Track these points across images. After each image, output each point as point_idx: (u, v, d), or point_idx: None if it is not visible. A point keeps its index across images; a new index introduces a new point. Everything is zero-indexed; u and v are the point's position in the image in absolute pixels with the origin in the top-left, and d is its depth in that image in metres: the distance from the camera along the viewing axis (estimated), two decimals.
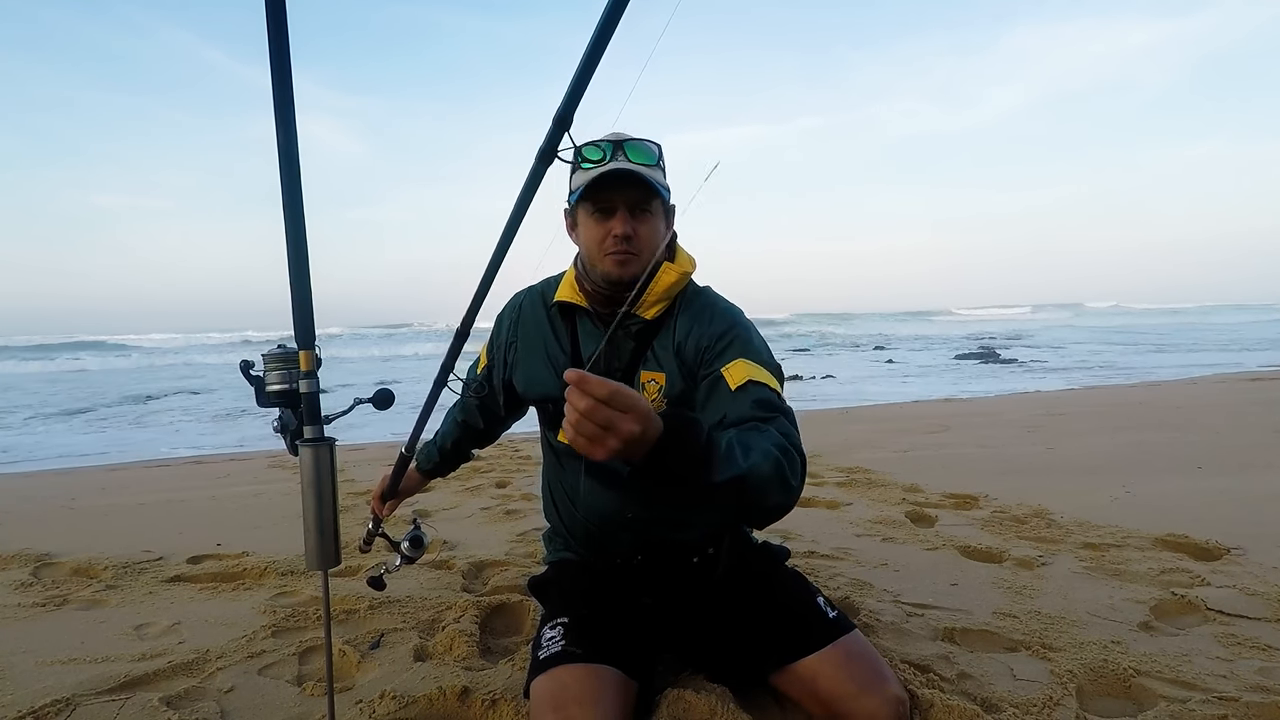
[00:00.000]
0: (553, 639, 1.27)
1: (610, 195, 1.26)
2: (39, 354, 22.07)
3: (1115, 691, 1.42)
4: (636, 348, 1.37)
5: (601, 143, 1.28)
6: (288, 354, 1.13)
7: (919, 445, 4.43)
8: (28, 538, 2.63)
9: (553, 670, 1.20)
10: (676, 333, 1.35)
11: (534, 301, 1.48)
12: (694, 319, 1.35)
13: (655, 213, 1.30)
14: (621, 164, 1.24)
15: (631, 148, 1.27)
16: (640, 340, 1.37)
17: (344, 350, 22.96)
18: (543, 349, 1.43)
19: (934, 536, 2.49)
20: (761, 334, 1.37)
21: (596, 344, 1.37)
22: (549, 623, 1.34)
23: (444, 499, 3.30)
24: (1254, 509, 2.62)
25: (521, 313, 1.48)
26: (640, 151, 1.27)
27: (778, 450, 1.00)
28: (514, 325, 1.49)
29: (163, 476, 4.30)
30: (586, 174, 1.26)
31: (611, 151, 1.26)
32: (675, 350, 1.34)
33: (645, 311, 1.35)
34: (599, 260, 1.30)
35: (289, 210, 1.07)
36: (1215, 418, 4.90)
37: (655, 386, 1.35)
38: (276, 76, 1.05)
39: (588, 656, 1.21)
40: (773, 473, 0.96)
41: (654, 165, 1.29)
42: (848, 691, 1.17)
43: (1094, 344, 17.34)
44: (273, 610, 1.89)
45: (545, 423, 1.50)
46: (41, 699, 1.39)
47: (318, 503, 1.10)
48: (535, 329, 1.45)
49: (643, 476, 0.86)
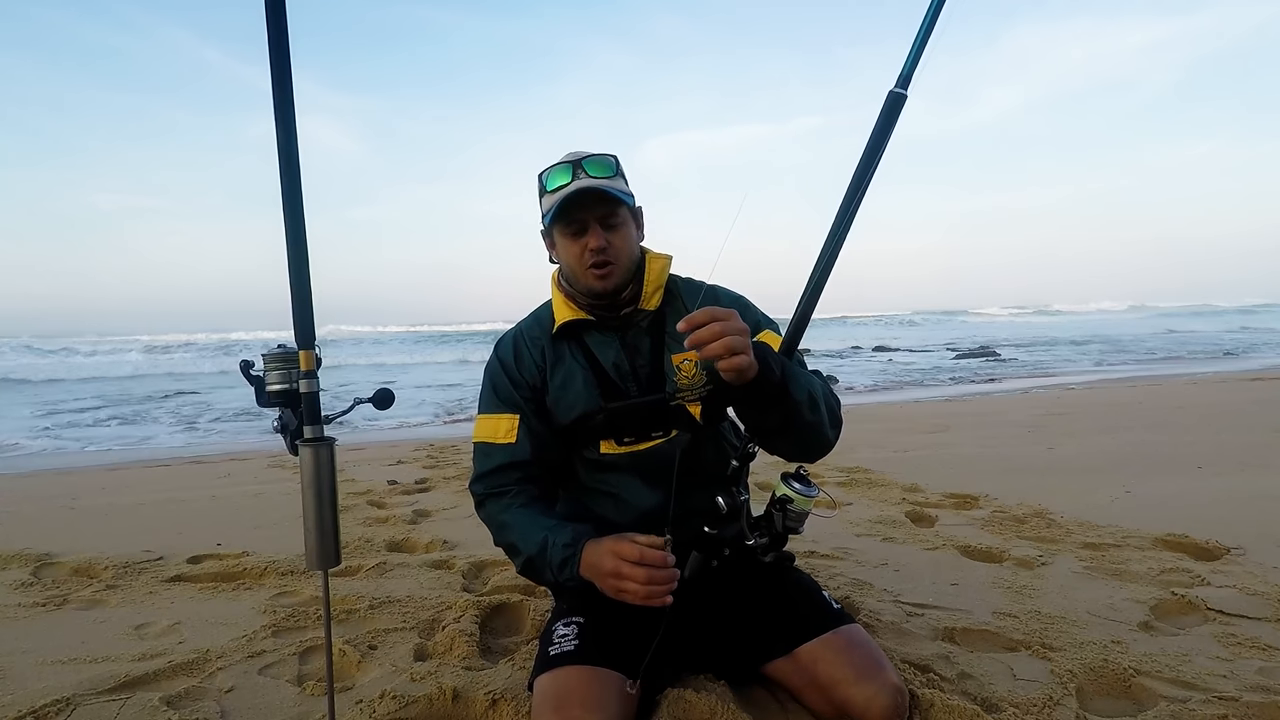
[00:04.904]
0: (565, 637, 1.28)
1: (579, 213, 1.31)
2: (39, 354, 22.08)
3: (1115, 691, 1.42)
4: (653, 339, 1.41)
5: (561, 165, 1.34)
6: (288, 354, 1.13)
7: (919, 445, 4.43)
8: (28, 538, 2.63)
9: (559, 670, 1.22)
10: (689, 305, 1.39)
11: (531, 339, 1.45)
12: (700, 296, 1.43)
13: (624, 220, 1.36)
14: (584, 181, 1.30)
15: (590, 164, 1.32)
16: (654, 331, 1.41)
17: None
18: (564, 373, 1.41)
19: (934, 536, 2.49)
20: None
21: (610, 348, 1.40)
22: (563, 619, 1.34)
23: (444, 499, 3.30)
24: (1254, 509, 2.61)
25: (526, 354, 1.44)
26: (599, 165, 1.33)
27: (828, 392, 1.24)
28: (529, 366, 1.43)
29: (163, 476, 4.30)
30: (553, 197, 1.32)
31: (572, 171, 1.32)
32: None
33: (648, 303, 1.40)
34: (581, 275, 1.34)
35: (289, 210, 1.07)
36: (1215, 417, 4.90)
37: (690, 364, 1.38)
38: (276, 76, 1.05)
39: (596, 659, 1.22)
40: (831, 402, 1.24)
41: (614, 175, 1.34)
42: (846, 676, 1.19)
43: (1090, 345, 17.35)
44: (273, 610, 1.89)
45: (583, 439, 1.41)
46: (41, 699, 1.39)
47: (318, 503, 1.10)
48: (547, 359, 1.43)
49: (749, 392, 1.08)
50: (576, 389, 1.39)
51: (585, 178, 1.31)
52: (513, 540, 1.35)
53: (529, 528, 1.33)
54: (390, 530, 2.74)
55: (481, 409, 1.45)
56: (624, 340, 1.40)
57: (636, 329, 1.41)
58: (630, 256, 1.37)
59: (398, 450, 4.95)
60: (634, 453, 1.39)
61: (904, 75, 1.10)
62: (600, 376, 1.39)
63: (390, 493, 3.47)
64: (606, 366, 1.39)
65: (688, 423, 1.38)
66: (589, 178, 1.31)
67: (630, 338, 1.41)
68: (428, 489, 3.56)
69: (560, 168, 1.34)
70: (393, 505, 3.20)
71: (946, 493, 3.13)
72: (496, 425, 1.41)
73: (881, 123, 1.11)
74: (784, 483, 1.17)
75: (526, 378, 1.42)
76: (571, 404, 1.39)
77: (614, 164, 1.35)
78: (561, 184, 1.31)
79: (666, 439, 1.39)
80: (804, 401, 1.15)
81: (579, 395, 1.39)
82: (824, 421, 1.21)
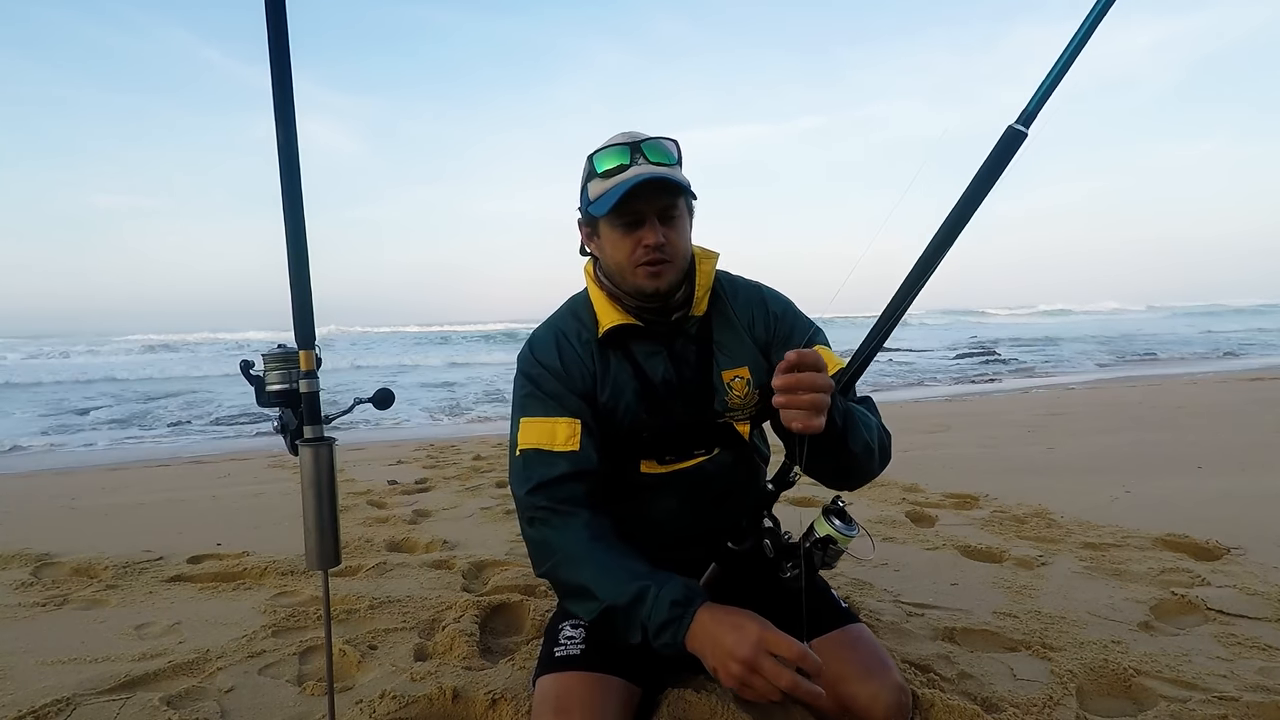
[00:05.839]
0: (572, 640, 1.24)
1: (637, 204, 1.15)
2: (38, 354, 22.07)
3: (1115, 691, 1.42)
4: (700, 349, 1.29)
5: (615, 146, 1.18)
6: (288, 354, 1.13)
7: (919, 445, 4.42)
8: (28, 538, 2.63)
9: (563, 674, 1.19)
10: (739, 316, 1.31)
11: (578, 341, 1.28)
12: (747, 299, 1.33)
13: (683, 214, 1.22)
14: (644, 169, 1.15)
15: (650, 148, 1.17)
16: (702, 340, 1.29)
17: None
18: (612, 384, 1.27)
19: (934, 536, 2.49)
20: None
21: (658, 360, 1.27)
22: (570, 619, 1.28)
23: (444, 499, 3.30)
24: (1254, 509, 2.61)
25: (574, 357, 1.27)
26: (659, 151, 1.18)
27: (881, 428, 1.20)
28: (578, 370, 1.26)
29: (163, 476, 4.30)
30: (606, 183, 1.17)
31: (630, 155, 1.16)
32: (748, 331, 1.30)
33: (698, 307, 1.28)
34: (630, 273, 1.20)
35: (289, 210, 1.07)
36: (1215, 418, 4.90)
37: (741, 382, 1.28)
38: (276, 76, 1.05)
39: (601, 666, 1.19)
40: (885, 442, 1.19)
41: (675, 163, 1.20)
42: (851, 674, 1.17)
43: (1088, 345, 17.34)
44: (273, 610, 1.89)
45: (623, 457, 1.29)
46: (41, 699, 1.39)
47: (318, 503, 1.10)
48: (596, 366, 1.27)
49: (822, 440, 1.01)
50: (626, 403, 1.26)
51: (645, 164, 1.16)
52: (584, 582, 1.11)
53: (613, 570, 1.10)
54: (390, 530, 2.74)
55: (527, 412, 1.24)
56: (671, 350, 1.28)
57: (684, 337, 1.29)
58: (685, 255, 1.24)
59: (398, 450, 4.95)
60: (675, 471, 1.30)
61: (1028, 112, 0.99)
62: (648, 391, 1.26)
63: (390, 493, 3.47)
64: (655, 381, 1.26)
65: (732, 440, 1.31)
66: (649, 164, 1.16)
67: (678, 347, 1.28)
68: (428, 489, 3.56)
69: (615, 149, 1.17)
70: (393, 505, 3.20)
71: (946, 492, 3.13)
72: (553, 430, 1.20)
73: (994, 159, 1.01)
74: (826, 521, 1.08)
75: (578, 383, 1.25)
76: (620, 419, 1.26)
77: (675, 150, 1.20)
78: (615, 167, 1.16)
79: (708, 457, 1.30)
80: (859, 452, 1.10)
81: (628, 410, 1.26)
82: (875, 463, 1.16)
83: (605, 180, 1.17)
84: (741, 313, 1.32)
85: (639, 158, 1.16)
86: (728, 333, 1.31)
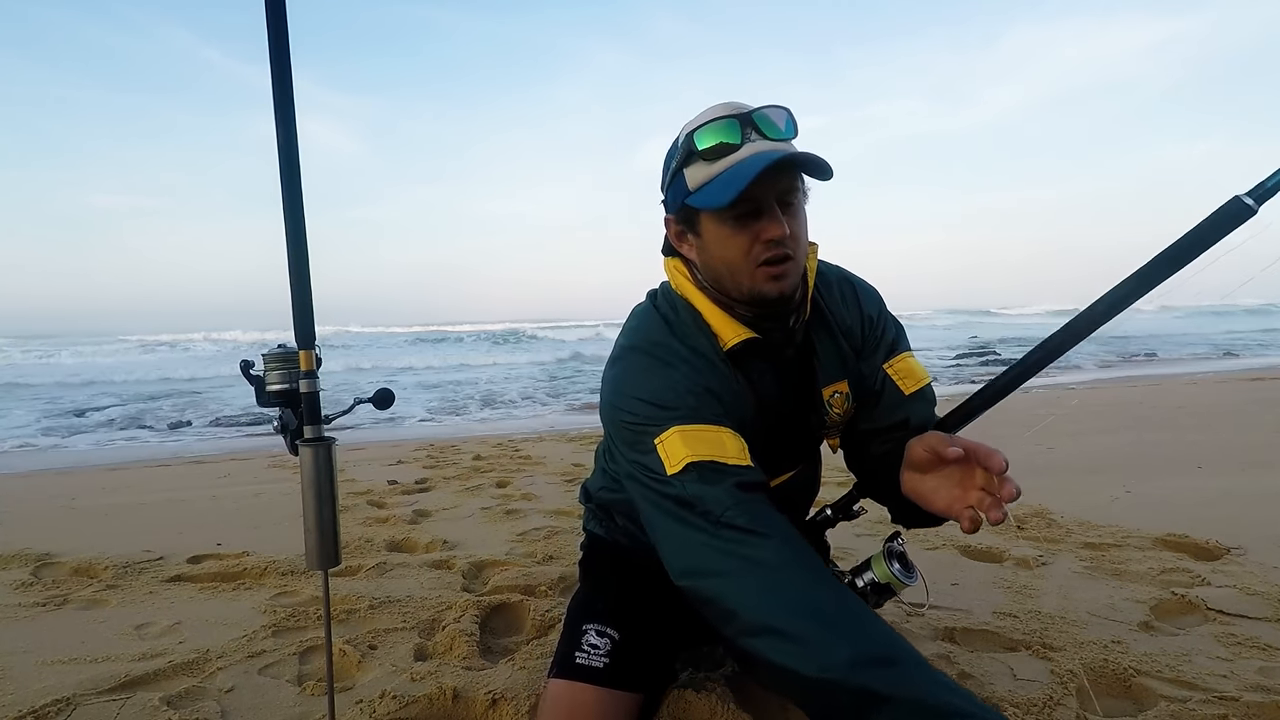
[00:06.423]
0: (596, 649, 1.19)
1: (753, 189, 0.93)
2: (38, 354, 22.06)
3: (1115, 691, 1.42)
4: (803, 363, 1.13)
5: (723, 120, 0.96)
6: (288, 354, 1.13)
7: None
8: (28, 538, 2.63)
9: (580, 684, 1.16)
10: (835, 318, 1.16)
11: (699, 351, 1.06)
12: (841, 296, 1.18)
13: (802, 200, 1.02)
14: (762, 146, 0.95)
15: (763, 121, 0.96)
16: (805, 353, 1.13)
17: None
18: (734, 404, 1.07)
19: (934, 536, 2.49)
20: None
21: (770, 379, 1.11)
22: (597, 622, 1.22)
23: (444, 499, 3.30)
24: (1254, 509, 2.61)
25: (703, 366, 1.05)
26: (773, 125, 0.96)
27: None
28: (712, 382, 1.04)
29: (163, 476, 4.30)
30: (714, 166, 0.96)
31: (740, 131, 0.95)
32: (845, 336, 1.16)
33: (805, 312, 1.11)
34: (747, 275, 0.99)
35: (289, 210, 1.07)
36: (1215, 417, 4.90)
37: (841, 398, 1.16)
38: (276, 76, 1.05)
39: (621, 684, 1.16)
40: None
41: (795, 137, 0.99)
42: None
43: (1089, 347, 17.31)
44: (273, 610, 1.89)
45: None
46: (41, 699, 1.39)
47: (318, 503, 1.10)
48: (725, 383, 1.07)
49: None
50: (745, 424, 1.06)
51: (761, 140, 0.95)
52: (839, 641, 0.80)
53: (920, 667, 0.79)
54: (390, 530, 2.74)
55: (676, 419, 0.97)
56: (779, 367, 1.11)
57: (792, 350, 1.12)
58: (805, 250, 1.04)
59: (398, 450, 4.95)
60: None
61: (1265, 189, 0.84)
62: (764, 412, 1.11)
63: (390, 493, 3.47)
64: (769, 401, 1.11)
65: (816, 455, 1.28)
66: (765, 140, 0.96)
67: (786, 362, 1.12)
68: (428, 489, 3.56)
69: (722, 123, 0.95)
70: (393, 505, 3.20)
71: None
72: (721, 441, 0.96)
73: (1208, 226, 0.86)
74: (887, 564, 1.01)
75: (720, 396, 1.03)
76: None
77: (792, 120, 0.98)
78: (720, 144, 0.95)
79: (795, 472, 1.24)
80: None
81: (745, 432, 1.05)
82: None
83: (711, 164, 0.96)
84: (836, 314, 1.16)
85: (753, 134, 0.96)
86: (827, 341, 1.15)
